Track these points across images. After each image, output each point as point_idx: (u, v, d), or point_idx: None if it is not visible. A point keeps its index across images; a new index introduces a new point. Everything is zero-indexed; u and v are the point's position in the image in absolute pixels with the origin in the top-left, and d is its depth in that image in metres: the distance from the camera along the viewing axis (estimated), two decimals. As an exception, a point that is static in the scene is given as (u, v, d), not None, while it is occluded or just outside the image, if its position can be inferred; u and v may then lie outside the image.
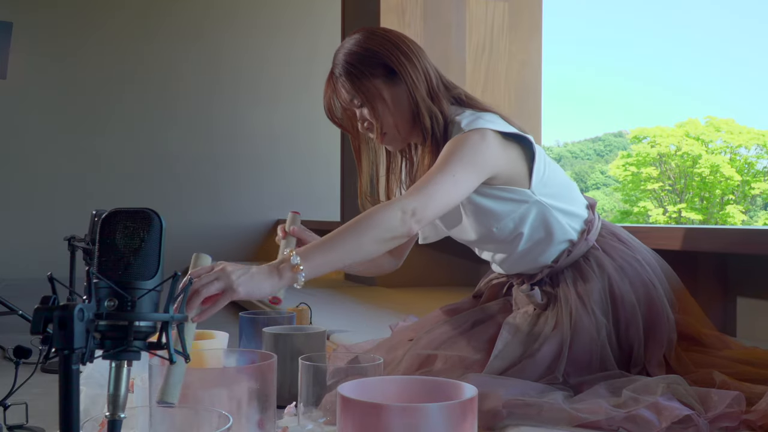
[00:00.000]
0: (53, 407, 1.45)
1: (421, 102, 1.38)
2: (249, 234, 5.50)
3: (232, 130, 5.58)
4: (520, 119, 3.93)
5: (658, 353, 1.34)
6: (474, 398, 0.80)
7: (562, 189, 1.44)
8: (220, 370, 1.07)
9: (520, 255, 1.44)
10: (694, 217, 22.89)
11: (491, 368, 1.28)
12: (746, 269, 1.96)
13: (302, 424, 1.08)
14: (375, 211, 1.18)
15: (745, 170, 23.64)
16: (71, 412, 0.61)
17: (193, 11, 5.53)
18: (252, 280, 1.07)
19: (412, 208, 1.19)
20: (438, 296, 2.87)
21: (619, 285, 1.38)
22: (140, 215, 0.69)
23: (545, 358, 1.30)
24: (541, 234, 1.40)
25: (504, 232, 1.40)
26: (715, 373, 1.25)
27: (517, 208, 1.37)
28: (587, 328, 1.32)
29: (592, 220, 1.46)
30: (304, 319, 2.06)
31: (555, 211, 1.39)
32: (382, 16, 3.39)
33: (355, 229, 1.16)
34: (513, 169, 1.36)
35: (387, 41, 1.39)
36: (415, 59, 1.39)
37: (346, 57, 1.39)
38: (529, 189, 1.37)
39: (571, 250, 1.41)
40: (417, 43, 1.45)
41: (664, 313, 1.38)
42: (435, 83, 1.41)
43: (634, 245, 1.49)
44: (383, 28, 1.46)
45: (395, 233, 1.18)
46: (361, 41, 1.39)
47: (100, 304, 0.66)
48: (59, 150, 5.20)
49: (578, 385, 1.26)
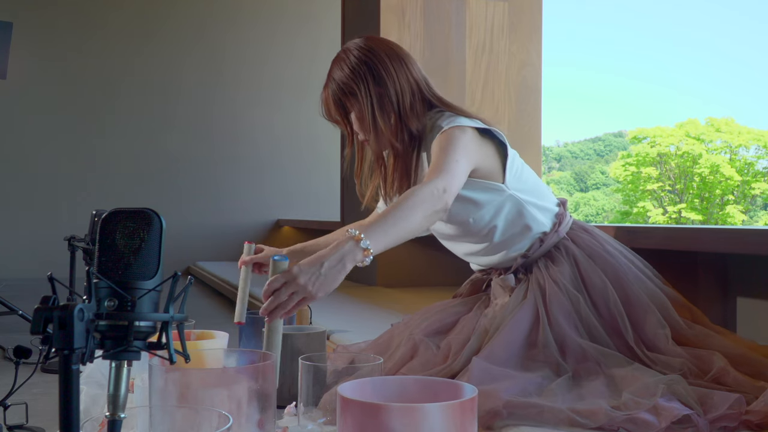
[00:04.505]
0: (53, 407, 1.45)
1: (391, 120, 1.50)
2: (249, 234, 5.50)
3: (232, 130, 5.58)
4: (520, 119, 3.91)
5: (649, 318, 1.38)
6: (474, 398, 0.80)
7: (535, 187, 1.55)
8: (220, 370, 1.07)
9: (494, 247, 1.53)
10: (694, 217, 22.90)
11: (470, 349, 1.34)
12: (746, 269, 1.96)
13: (302, 424, 1.08)
14: (414, 192, 1.28)
15: (745, 170, 23.65)
16: (71, 412, 0.61)
17: (193, 11, 5.54)
18: (326, 281, 1.15)
19: (442, 186, 1.30)
20: (438, 296, 2.86)
21: (586, 269, 1.46)
22: (140, 215, 0.68)
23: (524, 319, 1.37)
24: (516, 227, 1.50)
25: (479, 224, 1.50)
26: (716, 355, 1.28)
27: (495, 197, 1.48)
28: (563, 301, 1.40)
29: (563, 214, 1.56)
30: (304, 319, 2.05)
31: (528, 206, 1.50)
32: (382, 16, 3.39)
33: (404, 209, 1.26)
34: (489, 164, 1.47)
35: (365, 64, 1.49)
36: (390, 81, 1.49)
37: (335, 78, 1.52)
38: (503, 183, 1.47)
39: (543, 239, 1.51)
40: (402, 56, 1.54)
41: (643, 287, 1.44)
42: (408, 102, 1.50)
43: (604, 237, 1.57)
44: (372, 43, 1.54)
45: (436, 207, 1.29)
46: (347, 61, 1.51)
47: (100, 304, 0.66)
48: (59, 150, 5.20)
49: (576, 371, 1.28)
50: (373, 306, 2.73)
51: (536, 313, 1.39)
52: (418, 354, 1.41)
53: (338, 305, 2.73)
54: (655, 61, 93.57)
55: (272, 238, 5.57)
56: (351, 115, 1.52)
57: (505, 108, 3.58)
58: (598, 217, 31.05)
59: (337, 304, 2.78)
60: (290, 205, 5.58)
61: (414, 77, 1.52)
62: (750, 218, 24.34)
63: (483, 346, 1.34)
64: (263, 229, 5.59)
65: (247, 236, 5.49)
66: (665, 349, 1.33)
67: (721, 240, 1.80)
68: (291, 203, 5.56)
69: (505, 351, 1.31)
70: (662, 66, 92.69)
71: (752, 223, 24.55)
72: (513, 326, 1.35)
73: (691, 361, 1.28)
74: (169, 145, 5.44)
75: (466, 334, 1.41)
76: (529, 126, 3.63)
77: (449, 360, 1.35)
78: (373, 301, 2.90)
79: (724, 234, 1.81)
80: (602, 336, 1.37)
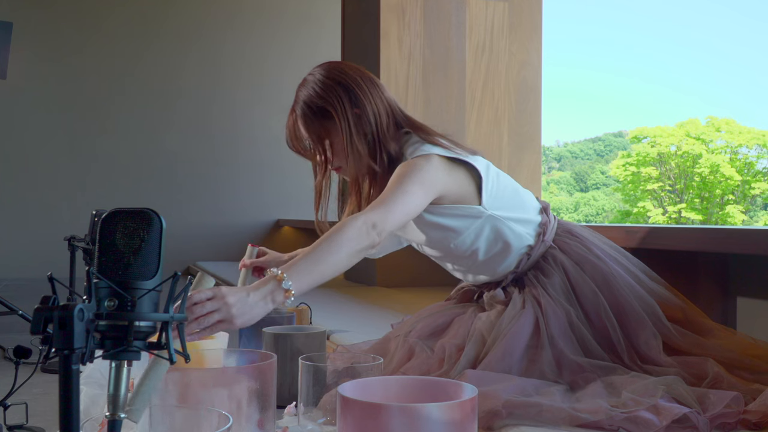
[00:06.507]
0: (53, 407, 1.45)
1: (369, 143, 1.48)
2: (249, 234, 5.50)
3: (232, 129, 5.58)
4: (520, 119, 3.92)
5: (643, 331, 1.37)
6: (474, 398, 0.80)
7: (513, 199, 1.52)
8: (220, 370, 1.07)
9: (479, 267, 1.52)
10: (694, 217, 22.89)
11: (467, 357, 1.33)
12: (746, 269, 1.96)
13: (302, 424, 1.08)
14: (342, 228, 1.27)
15: (745, 170, 23.64)
16: (71, 412, 0.61)
17: (193, 11, 5.53)
18: (249, 310, 1.14)
19: (372, 221, 1.29)
20: (438, 296, 2.86)
21: (576, 278, 1.44)
22: (140, 215, 0.68)
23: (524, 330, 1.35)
24: (498, 246, 1.48)
25: (461, 248, 1.48)
26: (709, 362, 1.27)
27: (472, 223, 1.45)
28: (558, 313, 1.38)
29: (547, 222, 1.53)
30: (304, 319, 2.05)
31: (509, 222, 1.48)
32: (382, 16, 3.39)
33: (329, 248, 1.25)
34: (461, 188, 1.45)
35: (340, 85, 1.47)
36: (367, 102, 1.47)
37: (304, 99, 1.49)
38: (480, 205, 1.45)
39: (530, 254, 1.49)
40: (373, 78, 1.52)
41: (634, 294, 1.42)
42: (385, 124, 1.49)
43: (591, 240, 1.55)
44: (342, 65, 1.52)
45: (362, 245, 1.27)
46: (318, 83, 1.48)
47: (100, 304, 0.66)
48: (59, 150, 5.20)
49: (573, 381, 1.27)
50: (373, 306, 2.73)
51: (536, 327, 1.36)
52: (414, 357, 1.40)
53: (338, 305, 2.73)
54: (655, 61, 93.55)
55: (272, 238, 5.57)
56: (325, 142, 1.48)
57: (505, 108, 3.57)
58: (598, 217, 31.06)
59: (337, 304, 2.78)
60: (290, 205, 5.58)
61: (386, 98, 1.51)
62: (750, 218, 24.33)
63: (480, 357, 1.33)
64: (263, 228, 5.59)
65: (247, 236, 5.49)
66: (659, 360, 1.32)
67: (721, 240, 1.80)
68: (291, 203, 5.56)
69: (502, 367, 1.29)
70: (662, 66, 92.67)
71: (752, 223, 24.55)
72: (511, 341, 1.33)
73: (685, 370, 1.28)
74: (169, 145, 5.44)
75: (461, 337, 1.40)
76: (529, 126, 3.63)
77: (444, 365, 1.34)
78: (373, 301, 2.90)
79: (724, 234, 1.81)
80: (596, 349, 1.36)
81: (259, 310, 1.15)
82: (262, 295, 1.15)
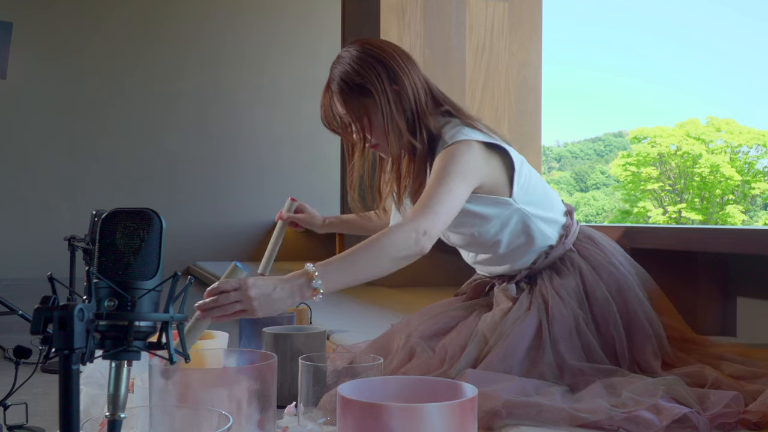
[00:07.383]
0: (53, 407, 1.45)
1: (408, 119, 1.44)
2: (249, 234, 5.50)
3: (232, 130, 5.58)
4: (520, 119, 3.92)
5: (647, 348, 1.37)
6: (474, 398, 0.80)
7: (543, 197, 1.50)
8: (220, 370, 1.07)
9: (499, 258, 1.51)
10: (694, 217, 22.89)
11: (468, 357, 1.32)
12: (746, 269, 1.96)
13: (302, 424, 1.08)
14: (390, 233, 1.26)
15: (745, 170, 23.64)
16: (71, 412, 0.61)
17: (193, 11, 5.53)
18: (271, 304, 1.15)
19: (423, 228, 1.27)
20: (438, 296, 2.85)
21: (591, 283, 1.43)
22: (140, 215, 0.68)
23: (527, 332, 1.34)
24: (521, 240, 1.47)
25: (485, 236, 1.47)
26: (707, 369, 1.28)
27: (502, 211, 1.44)
28: (565, 317, 1.37)
29: (570, 225, 1.52)
30: (304, 319, 2.05)
31: (535, 219, 1.46)
32: (382, 16, 3.39)
33: (372, 251, 1.23)
34: (496, 178, 1.43)
35: (378, 62, 1.43)
36: (405, 78, 1.43)
37: (341, 75, 1.44)
38: (510, 197, 1.43)
39: (548, 252, 1.48)
40: (409, 55, 1.49)
41: (642, 310, 1.42)
42: (423, 100, 1.45)
43: (609, 249, 1.54)
44: (378, 42, 1.49)
45: (410, 252, 1.26)
46: (355, 59, 1.44)
47: (100, 304, 0.66)
48: (59, 150, 5.20)
49: (574, 384, 1.27)
50: (373, 306, 2.73)
51: (539, 330, 1.36)
52: (415, 357, 1.40)
53: (338, 305, 2.73)
54: (655, 61, 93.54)
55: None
56: (363, 119, 1.44)
57: (505, 108, 3.57)
58: (598, 217, 31.05)
59: (337, 304, 2.78)
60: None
61: (422, 75, 1.48)
62: (750, 218, 24.33)
63: (481, 356, 1.33)
64: (263, 228, 5.58)
65: (247, 236, 5.50)
66: (658, 372, 1.33)
67: (721, 240, 1.80)
68: (291, 203, 5.56)
69: (502, 367, 1.29)
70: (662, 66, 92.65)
71: (752, 223, 24.54)
72: (513, 342, 1.33)
73: (684, 378, 1.28)
74: (169, 145, 5.44)
75: (464, 338, 1.39)
76: (529, 126, 3.62)
77: (445, 365, 1.34)
78: (373, 301, 2.90)
79: (724, 234, 1.81)
80: (599, 355, 1.35)
81: (282, 303, 1.16)
82: (289, 290, 1.17)
